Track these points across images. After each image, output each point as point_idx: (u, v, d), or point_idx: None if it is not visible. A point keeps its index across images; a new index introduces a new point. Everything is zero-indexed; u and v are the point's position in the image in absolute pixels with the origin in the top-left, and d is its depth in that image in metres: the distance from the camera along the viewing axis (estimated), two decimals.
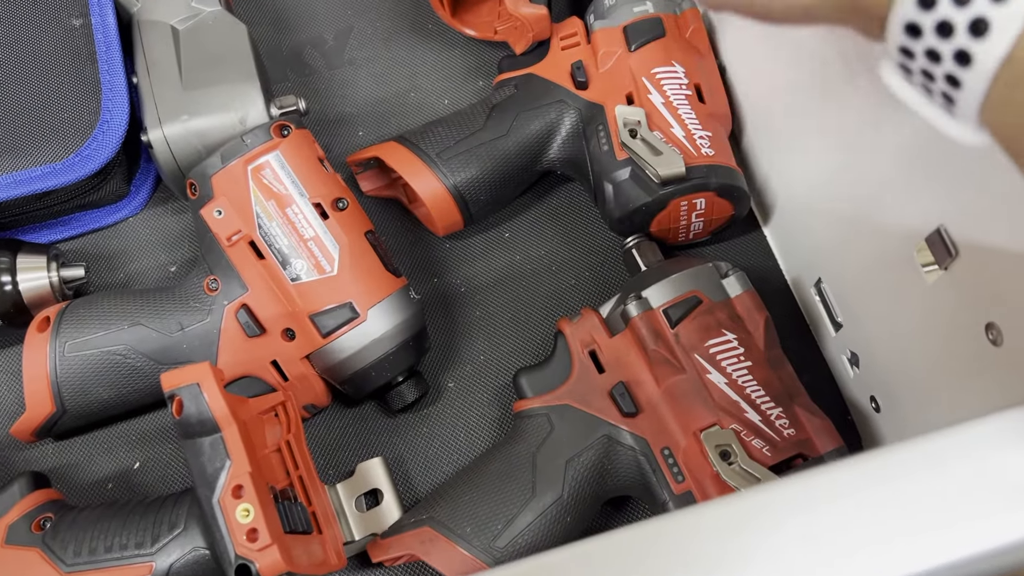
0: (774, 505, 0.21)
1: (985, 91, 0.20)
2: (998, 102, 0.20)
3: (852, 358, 0.46)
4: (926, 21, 0.20)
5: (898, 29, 0.21)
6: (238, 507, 0.37)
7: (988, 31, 0.19)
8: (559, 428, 0.42)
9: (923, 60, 0.21)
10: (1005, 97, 0.20)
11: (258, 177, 0.45)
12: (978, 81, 0.20)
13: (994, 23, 0.19)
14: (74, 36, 0.49)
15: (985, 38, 0.19)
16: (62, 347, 0.44)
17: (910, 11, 0.21)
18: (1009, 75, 0.19)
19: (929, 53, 0.21)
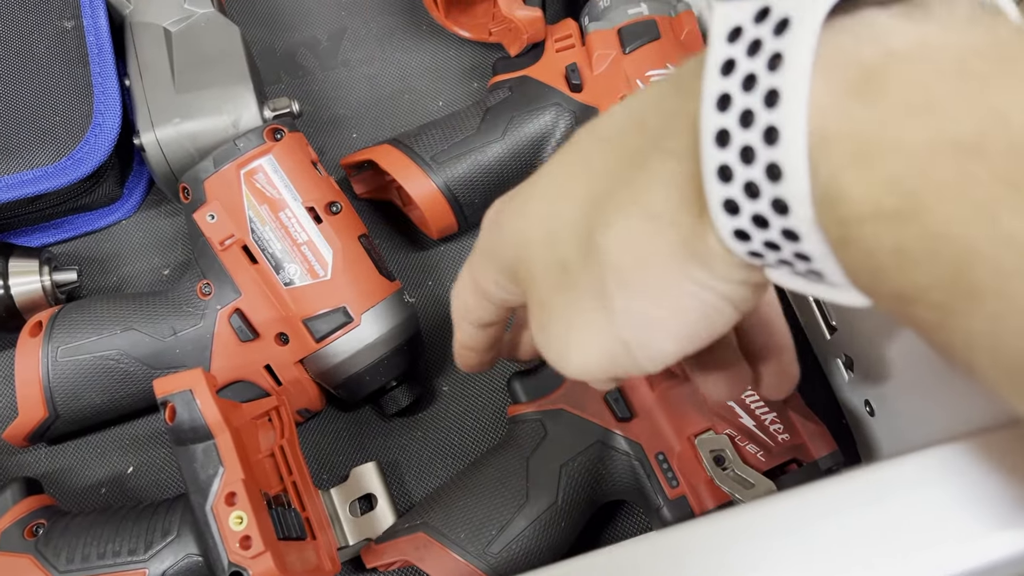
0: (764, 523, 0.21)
1: (829, 255, 0.20)
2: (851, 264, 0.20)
3: (847, 362, 0.46)
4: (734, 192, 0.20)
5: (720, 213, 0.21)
6: (231, 514, 0.37)
7: (782, 173, 0.19)
8: (553, 433, 0.42)
9: (769, 253, 0.21)
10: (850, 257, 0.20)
11: (251, 181, 0.45)
12: (810, 235, 0.20)
13: (784, 165, 0.19)
14: (66, 38, 0.49)
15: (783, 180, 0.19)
16: (55, 352, 0.44)
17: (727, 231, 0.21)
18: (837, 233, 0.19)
19: (768, 245, 0.21)
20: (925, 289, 0.18)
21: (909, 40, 0.19)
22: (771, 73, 0.19)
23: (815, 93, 0.19)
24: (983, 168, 0.17)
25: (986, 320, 0.18)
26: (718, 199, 0.21)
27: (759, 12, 0.19)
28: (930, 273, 0.18)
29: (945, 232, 0.17)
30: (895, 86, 0.18)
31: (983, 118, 0.17)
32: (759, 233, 0.20)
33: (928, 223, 0.18)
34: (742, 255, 0.22)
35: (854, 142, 0.18)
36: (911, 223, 0.18)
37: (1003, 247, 0.17)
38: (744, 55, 0.19)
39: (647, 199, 0.23)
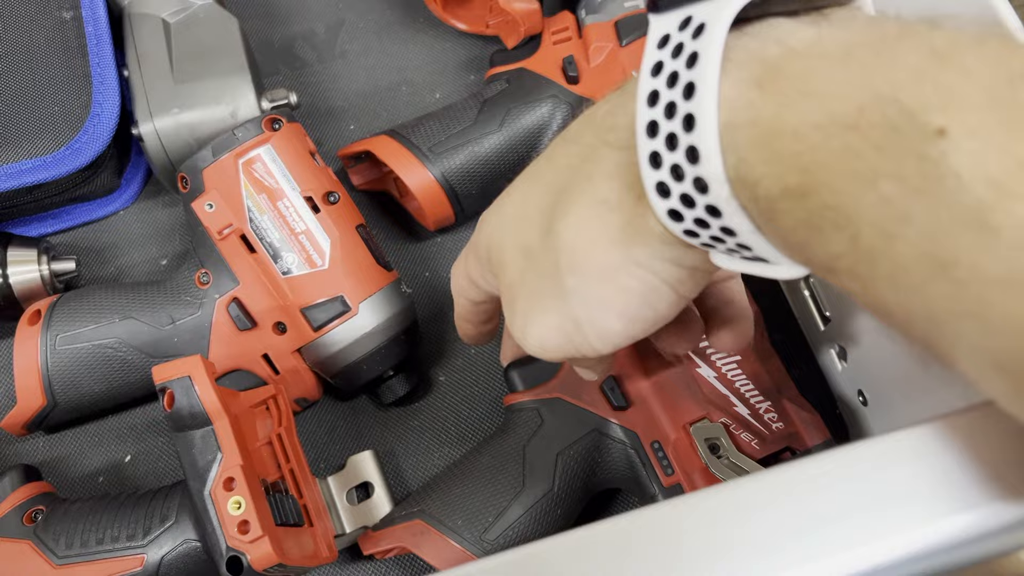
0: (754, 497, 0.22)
1: (752, 230, 0.22)
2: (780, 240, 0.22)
3: (840, 352, 0.46)
4: (663, 176, 0.23)
5: (654, 195, 0.24)
6: (229, 499, 0.37)
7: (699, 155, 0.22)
8: (549, 421, 0.42)
9: (701, 231, 0.23)
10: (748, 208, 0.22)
11: (249, 171, 0.45)
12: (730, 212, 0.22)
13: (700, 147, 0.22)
14: (65, 29, 0.49)
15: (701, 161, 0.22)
16: (53, 340, 0.44)
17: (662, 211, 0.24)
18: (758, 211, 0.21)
19: (698, 222, 0.23)
20: (838, 257, 0.20)
21: (806, 39, 0.21)
22: (689, 70, 0.22)
23: (724, 87, 0.21)
24: (862, 140, 0.19)
25: (886, 282, 0.19)
26: (652, 182, 0.23)
27: (683, 21, 0.22)
28: (837, 242, 0.20)
29: (838, 203, 0.19)
30: (789, 77, 0.20)
31: (862, 97, 0.19)
32: (688, 212, 0.23)
33: (824, 196, 0.20)
34: (678, 234, 0.24)
35: (756, 128, 0.21)
36: (812, 197, 0.20)
37: (883, 210, 0.19)
38: (670, 57, 0.22)
39: (596, 187, 0.26)
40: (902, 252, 0.19)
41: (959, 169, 0.17)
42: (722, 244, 0.24)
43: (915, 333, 0.20)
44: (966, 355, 0.19)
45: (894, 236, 0.19)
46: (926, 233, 0.18)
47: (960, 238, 0.17)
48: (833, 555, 0.21)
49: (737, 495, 0.22)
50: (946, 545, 0.21)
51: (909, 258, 0.18)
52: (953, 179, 0.17)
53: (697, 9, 0.22)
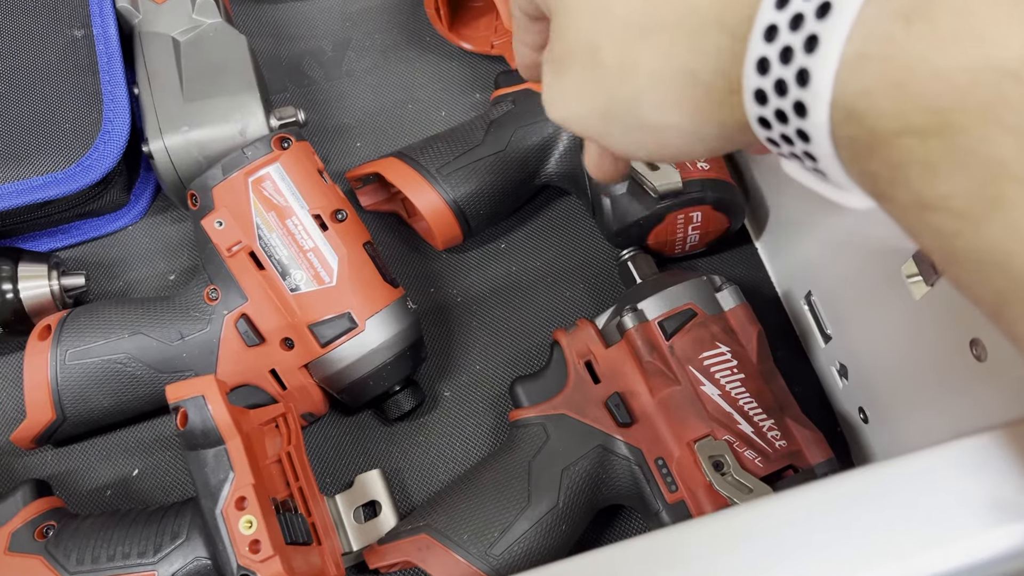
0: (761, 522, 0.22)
1: (829, 136, 0.21)
2: (847, 149, 0.21)
3: (841, 370, 0.47)
4: (766, 83, 0.22)
5: (750, 97, 0.23)
6: (241, 518, 0.37)
7: (812, 77, 0.21)
8: (555, 437, 0.43)
9: (778, 126, 0.23)
10: (848, 139, 0.21)
11: (259, 189, 0.46)
12: (820, 136, 0.21)
13: (815, 70, 0.21)
14: (76, 47, 0.50)
15: (810, 85, 0.21)
16: (63, 355, 0.45)
17: (752, 116, 0.23)
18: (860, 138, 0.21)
19: (778, 114, 0.22)
20: (947, 197, 0.20)
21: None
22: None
23: (864, 15, 0.20)
24: (1020, 91, 0.18)
25: (1005, 229, 0.19)
26: (751, 87, 0.22)
27: None
28: (956, 183, 0.19)
29: (976, 148, 0.19)
30: (942, 14, 0.19)
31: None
32: (778, 126, 0.22)
33: (959, 140, 0.19)
34: (761, 139, 0.23)
35: (894, 63, 0.20)
36: (941, 138, 0.19)
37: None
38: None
39: (694, 58, 0.24)
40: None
41: None
42: (798, 160, 0.23)
43: (998, 283, 0.20)
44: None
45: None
46: None
47: None
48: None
49: (748, 518, 0.23)
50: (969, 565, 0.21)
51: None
52: None
53: None
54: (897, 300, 0.39)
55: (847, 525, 0.22)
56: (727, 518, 0.23)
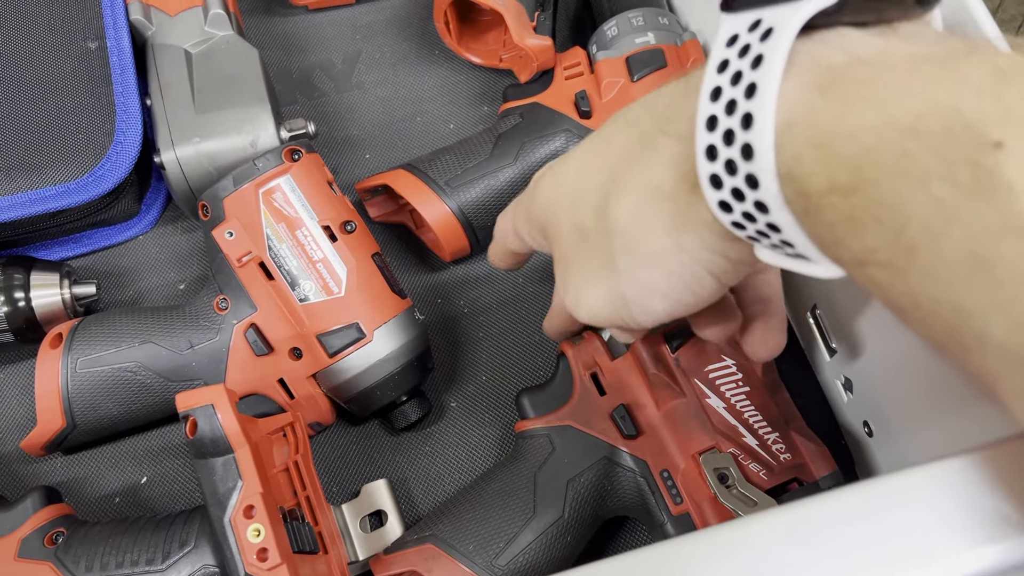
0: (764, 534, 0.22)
1: (784, 208, 0.23)
2: (796, 215, 0.23)
3: (846, 383, 0.47)
4: (717, 169, 0.24)
5: (707, 186, 0.25)
6: (249, 527, 0.37)
7: (753, 153, 0.23)
8: (560, 449, 0.43)
9: (748, 224, 0.25)
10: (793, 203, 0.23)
11: (269, 200, 0.46)
12: (776, 207, 0.23)
13: (755, 145, 0.23)
14: (90, 59, 0.51)
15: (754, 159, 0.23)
16: (74, 363, 0.45)
17: (713, 202, 0.25)
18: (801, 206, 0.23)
19: (745, 216, 0.24)
20: (874, 251, 0.22)
21: (874, 49, 0.22)
22: (753, 71, 0.23)
23: (786, 88, 0.22)
24: (919, 145, 0.20)
25: (922, 274, 0.21)
26: (706, 174, 0.25)
27: (753, 23, 0.23)
28: (877, 236, 0.21)
29: (886, 200, 0.21)
30: (853, 83, 0.22)
31: (923, 107, 0.20)
32: (738, 205, 0.24)
33: (872, 193, 0.21)
34: (727, 225, 0.26)
35: (814, 128, 0.22)
36: (859, 194, 0.21)
37: (932, 209, 0.20)
38: (736, 56, 0.23)
39: (652, 175, 0.28)
40: (945, 249, 0.20)
41: (1012, 180, 0.19)
42: (767, 239, 0.25)
43: (938, 327, 0.21)
44: (990, 349, 0.20)
45: (939, 234, 0.20)
46: (972, 234, 0.19)
47: (1006, 242, 0.19)
48: None
49: (750, 530, 0.23)
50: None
51: (950, 255, 0.20)
52: (1005, 188, 0.19)
53: (768, 13, 0.23)
54: None
55: (845, 538, 0.22)
56: (729, 530, 0.23)
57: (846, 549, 0.22)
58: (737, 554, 0.23)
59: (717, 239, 0.27)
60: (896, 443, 0.44)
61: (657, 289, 0.30)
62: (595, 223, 0.31)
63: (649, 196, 0.28)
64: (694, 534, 0.23)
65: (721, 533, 0.23)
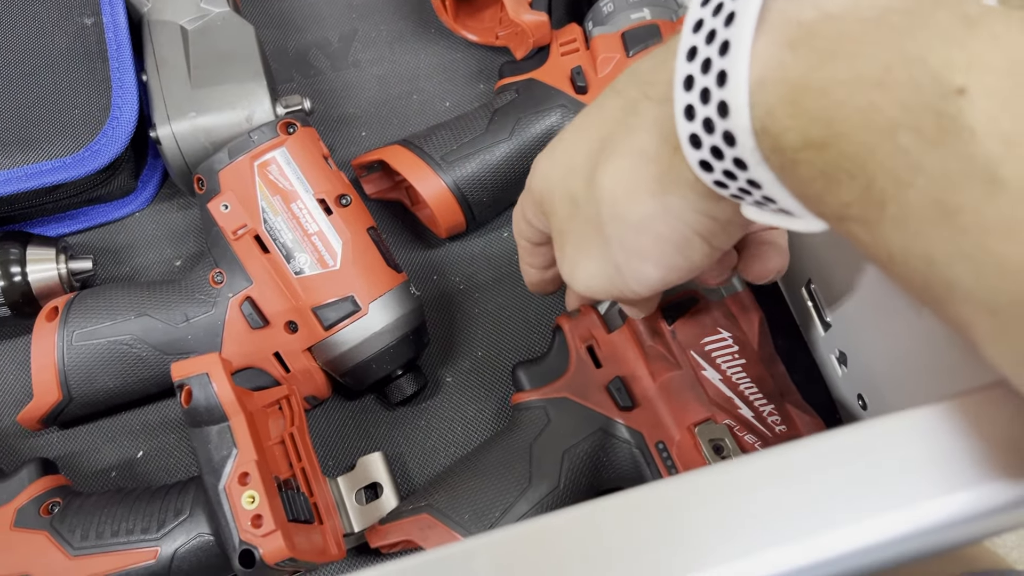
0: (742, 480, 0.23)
1: (775, 182, 0.24)
2: (775, 171, 0.23)
3: (840, 357, 0.47)
4: (696, 128, 0.25)
5: (687, 146, 0.25)
6: (244, 494, 0.38)
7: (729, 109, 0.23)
8: (556, 420, 0.43)
9: (729, 182, 0.25)
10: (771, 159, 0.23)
11: (264, 173, 0.46)
12: (755, 163, 0.23)
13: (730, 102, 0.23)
14: (86, 34, 0.50)
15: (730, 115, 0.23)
16: (70, 336, 0.45)
17: (694, 161, 0.25)
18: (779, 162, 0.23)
19: (726, 174, 0.25)
20: (848, 205, 0.22)
21: (844, 4, 0.22)
22: (726, 29, 0.23)
23: (757, 45, 0.22)
24: (886, 97, 0.20)
25: (893, 226, 0.21)
26: (685, 134, 0.25)
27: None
28: (850, 191, 0.21)
29: (856, 153, 0.21)
30: (822, 38, 0.22)
31: (890, 58, 0.20)
32: (718, 163, 0.25)
33: (844, 147, 0.21)
34: (709, 184, 0.26)
35: (786, 85, 0.22)
36: (831, 149, 0.21)
37: (899, 160, 0.20)
38: (710, 15, 0.24)
39: (636, 138, 0.28)
40: (911, 199, 0.20)
41: (974, 125, 0.19)
42: (749, 196, 0.25)
43: (913, 278, 0.22)
44: (960, 297, 0.20)
45: (906, 184, 0.20)
46: (936, 182, 0.19)
47: (968, 188, 0.19)
48: (831, 531, 0.22)
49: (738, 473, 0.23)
50: (943, 523, 0.21)
51: (917, 204, 0.20)
52: (967, 134, 0.19)
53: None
54: (895, 287, 0.39)
55: (826, 482, 0.22)
56: (716, 473, 0.23)
57: (827, 491, 0.22)
58: (724, 495, 0.23)
59: (701, 199, 0.27)
60: (890, 413, 0.44)
61: (647, 255, 0.30)
62: (585, 192, 0.31)
63: (634, 160, 0.28)
64: (681, 476, 0.24)
65: (709, 475, 0.24)
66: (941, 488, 0.22)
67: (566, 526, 0.22)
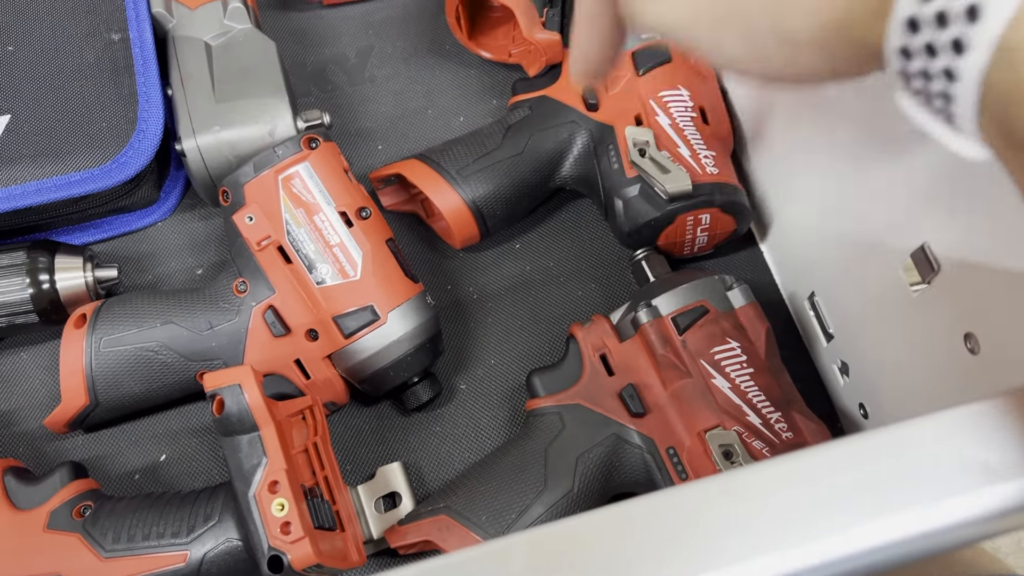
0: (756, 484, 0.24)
1: (980, 80, 0.20)
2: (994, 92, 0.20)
3: (842, 367, 0.49)
4: (925, 12, 0.20)
5: (899, 26, 0.21)
6: (273, 501, 0.39)
7: (982, 15, 0.19)
8: (570, 426, 0.45)
9: (922, 59, 0.21)
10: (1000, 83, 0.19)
11: (288, 186, 0.48)
12: (972, 71, 0.20)
13: (987, 7, 0.19)
14: (113, 49, 0.52)
15: (979, 22, 0.19)
16: (98, 342, 0.47)
17: (911, 6, 0.20)
18: (1003, 60, 0.19)
19: (927, 48, 0.20)
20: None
21: None
22: None
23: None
24: None
25: None
26: (905, 14, 0.20)
27: None
28: None
29: None
30: None
31: None
32: (922, 60, 0.20)
33: None
34: (892, 70, 0.22)
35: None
36: None
37: None
38: None
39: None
40: None
41: None
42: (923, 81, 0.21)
43: None
44: None
45: None
46: None
47: None
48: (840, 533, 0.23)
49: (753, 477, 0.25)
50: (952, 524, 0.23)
51: None
52: None
53: None
54: (896, 299, 0.41)
55: (837, 487, 0.24)
56: (729, 479, 0.25)
57: (839, 495, 0.24)
58: (738, 499, 0.24)
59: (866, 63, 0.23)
60: (890, 423, 0.45)
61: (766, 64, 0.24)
62: None
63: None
64: (697, 482, 0.25)
65: (722, 481, 0.25)
66: (946, 491, 0.23)
67: (597, 527, 0.24)
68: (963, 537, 0.24)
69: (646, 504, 0.24)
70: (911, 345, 0.42)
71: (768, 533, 0.24)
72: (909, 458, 0.24)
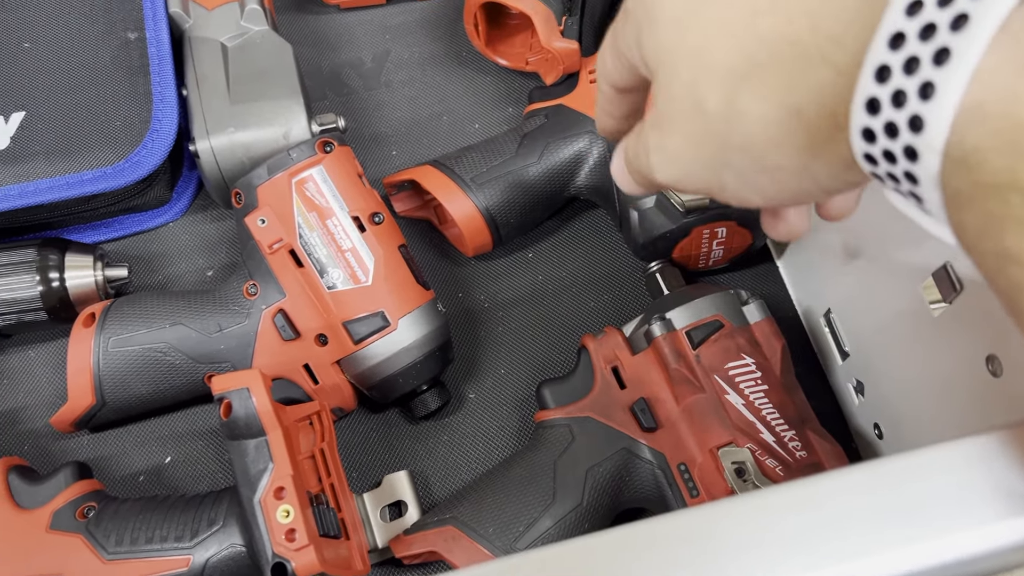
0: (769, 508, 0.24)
1: (938, 183, 0.21)
2: (949, 197, 0.21)
3: (858, 386, 0.48)
4: (875, 123, 0.21)
5: (857, 136, 0.22)
6: (278, 508, 0.38)
7: (925, 126, 0.20)
8: (580, 439, 0.44)
9: (885, 164, 0.22)
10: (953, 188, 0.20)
11: (301, 190, 0.47)
12: (928, 181, 0.21)
13: (929, 118, 0.20)
14: (129, 49, 0.52)
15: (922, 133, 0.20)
16: (106, 342, 0.46)
17: (863, 119, 0.22)
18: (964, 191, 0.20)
19: (885, 154, 0.22)
20: None
21: None
22: (953, 32, 0.19)
23: (985, 66, 0.19)
24: None
25: None
26: (859, 125, 0.22)
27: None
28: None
29: None
30: None
31: None
32: (884, 165, 0.22)
33: None
34: (862, 164, 0.23)
35: (1010, 122, 0.18)
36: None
37: None
38: (935, 5, 0.19)
39: (797, 95, 0.24)
40: None
41: None
42: (894, 183, 0.22)
43: None
44: None
45: None
46: None
47: None
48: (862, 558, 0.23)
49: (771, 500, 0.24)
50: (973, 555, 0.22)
51: None
52: None
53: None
54: (915, 318, 0.40)
55: (859, 512, 0.23)
56: (748, 500, 0.24)
57: (859, 521, 0.23)
58: (755, 521, 0.24)
59: (847, 171, 0.24)
60: (906, 444, 0.45)
61: (763, 191, 0.27)
62: (716, 107, 0.26)
63: (788, 116, 0.24)
64: (715, 503, 0.24)
65: (740, 503, 0.25)
66: (972, 521, 0.23)
67: (606, 547, 0.23)
68: (987, 568, 0.24)
69: (657, 525, 0.23)
70: (930, 366, 0.41)
71: (784, 559, 0.23)
72: (934, 484, 0.24)
